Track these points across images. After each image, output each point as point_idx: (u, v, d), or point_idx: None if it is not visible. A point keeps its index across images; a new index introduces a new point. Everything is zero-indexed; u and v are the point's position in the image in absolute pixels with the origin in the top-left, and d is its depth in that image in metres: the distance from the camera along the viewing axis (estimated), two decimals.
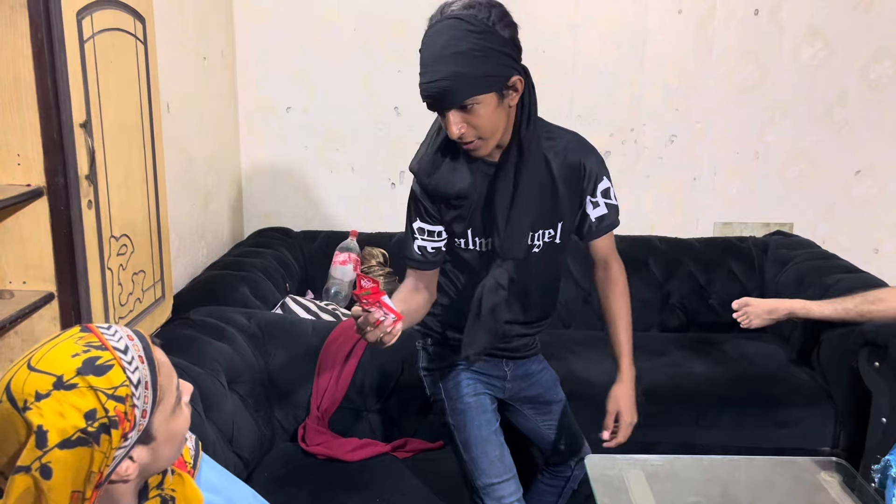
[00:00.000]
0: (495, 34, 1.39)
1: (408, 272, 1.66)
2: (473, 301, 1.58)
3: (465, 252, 1.63)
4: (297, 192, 3.16)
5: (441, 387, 1.75)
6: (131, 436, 0.87)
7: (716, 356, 2.63)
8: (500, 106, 1.44)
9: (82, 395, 0.82)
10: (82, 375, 0.83)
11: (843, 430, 2.34)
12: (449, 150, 1.53)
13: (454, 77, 1.38)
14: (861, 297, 2.26)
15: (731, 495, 1.94)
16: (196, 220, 2.60)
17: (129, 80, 1.77)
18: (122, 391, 0.85)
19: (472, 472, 1.70)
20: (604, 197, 1.62)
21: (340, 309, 2.62)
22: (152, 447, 0.92)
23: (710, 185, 3.17)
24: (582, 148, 1.60)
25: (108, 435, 0.84)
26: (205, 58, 2.66)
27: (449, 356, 1.74)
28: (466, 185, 1.54)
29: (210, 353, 1.90)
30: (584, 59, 3.02)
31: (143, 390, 0.88)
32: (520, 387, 1.79)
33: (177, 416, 0.95)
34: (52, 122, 1.46)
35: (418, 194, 1.60)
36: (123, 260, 1.74)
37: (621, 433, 1.70)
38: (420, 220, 1.61)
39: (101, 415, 0.83)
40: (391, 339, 1.37)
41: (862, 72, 3.04)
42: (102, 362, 0.85)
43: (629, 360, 1.73)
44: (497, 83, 1.41)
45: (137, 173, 1.82)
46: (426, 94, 1.43)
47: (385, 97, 3.06)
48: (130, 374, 0.86)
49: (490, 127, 1.44)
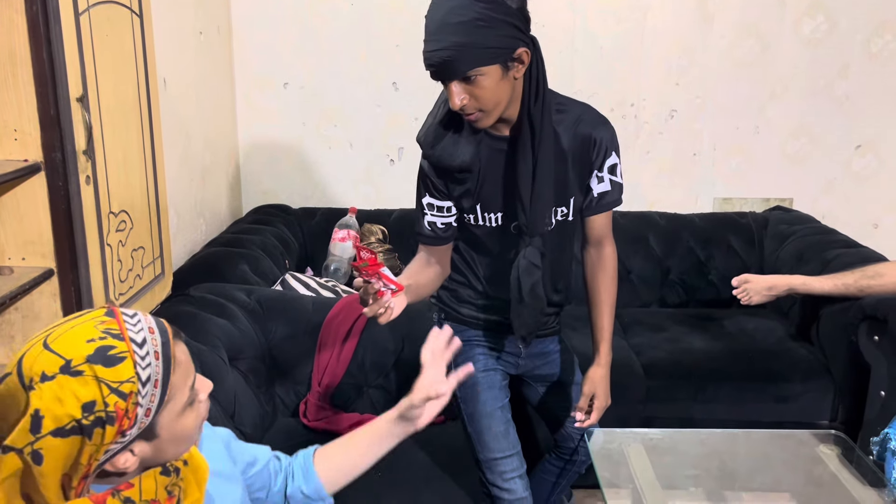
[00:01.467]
0: (502, 4, 1.36)
1: (420, 247, 1.66)
2: (512, 285, 1.59)
3: (477, 228, 1.63)
4: (296, 169, 3.14)
5: (452, 360, 1.75)
6: (130, 433, 0.85)
7: (715, 331, 2.63)
8: (505, 78, 1.41)
9: (85, 383, 0.81)
10: (91, 364, 0.82)
11: (841, 404, 2.35)
12: (453, 122, 1.51)
13: (457, 47, 1.35)
14: (860, 271, 2.26)
15: (730, 468, 1.96)
16: (194, 196, 2.59)
17: (126, 55, 1.75)
18: (126, 387, 0.83)
19: (476, 445, 1.71)
20: (610, 173, 1.60)
21: (340, 285, 2.62)
22: (155, 444, 0.90)
23: (710, 160, 3.15)
24: (594, 120, 1.57)
25: (103, 430, 0.82)
26: (201, 33, 2.63)
27: (462, 331, 1.73)
28: (469, 158, 1.52)
29: (211, 329, 1.90)
30: (584, 34, 2.99)
31: (150, 388, 0.85)
32: (534, 364, 1.79)
33: (187, 415, 0.92)
34: (49, 97, 1.44)
35: (426, 169, 1.59)
36: (122, 236, 1.73)
37: (594, 415, 1.70)
38: (429, 196, 1.60)
39: (99, 408, 0.81)
40: (387, 317, 1.37)
41: (863, 45, 3.01)
42: (115, 353, 0.83)
43: (609, 344, 1.72)
44: (502, 55, 1.38)
45: (135, 149, 1.81)
46: (429, 64, 1.40)
47: (384, 73, 3.03)
48: (141, 370, 0.84)
49: (493, 99, 1.42)
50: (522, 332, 1.66)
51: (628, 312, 2.84)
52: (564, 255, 1.72)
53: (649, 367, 2.40)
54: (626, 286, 2.95)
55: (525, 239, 1.57)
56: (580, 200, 1.63)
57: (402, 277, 1.55)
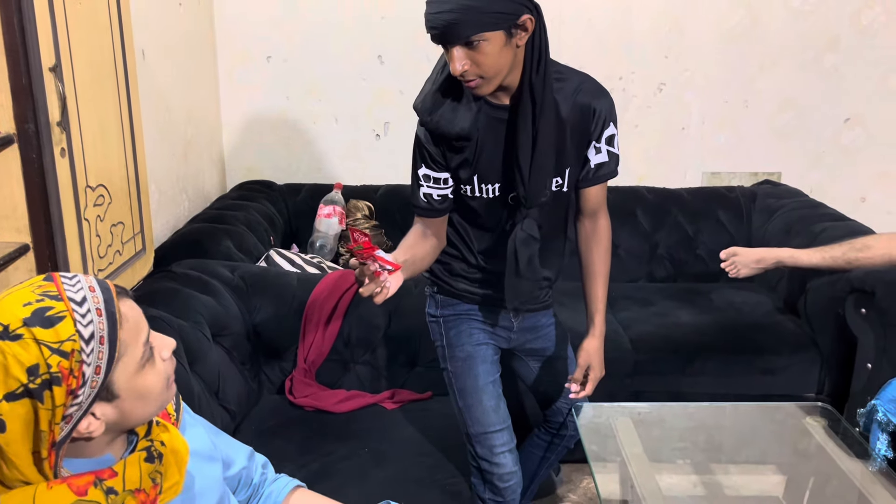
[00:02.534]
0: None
1: (415, 219, 1.63)
2: (508, 257, 1.57)
3: (472, 200, 1.60)
4: (280, 144, 3.10)
5: (444, 334, 1.74)
6: (82, 392, 0.83)
7: (703, 305, 2.63)
8: (508, 45, 1.38)
9: (26, 346, 0.80)
10: (28, 326, 0.80)
11: (828, 377, 2.36)
12: (452, 89, 1.48)
13: (462, 10, 1.32)
14: (848, 244, 2.25)
15: (717, 441, 1.96)
16: (176, 172, 2.54)
17: (101, 24, 1.70)
18: (67, 345, 0.81)
19: (467, 419, 1.70)
20: (608, 144, 1.58)
21: (326, 262, 2.59)
22: (117, 405, 0.88)
23: (698, 134, 3.13)
24: (594, 90, 1.55)
25: (51, 391, 0.80)
26: (180, 4, 2.57)
27: (455, 305, 1.72)
28: (468, 126, 1.49)
29: (193, 305, 1.87)
30: (571, 6, 2.95)
31: (96, 345, 0.84)
32: (525, 338, 1.78)
33: (146, 372, 0.91)
34: (20, 67, 1.40)
35: (422, 139, 1.55)
36: (101, 211, 1.69)
37: (589, 386, 1.70)
38: (425, 167, 1.57)
39: (42, 370, 0.80)
40: (383, 296, 1.35)
41: (853, 17, 2.99)
42: (53, 313, 0.82)
43: (603, 316, 1.73)
44: (506, 20, 1.35)
45: (112, 121, 1.76)
46: (431, 26, 1.36)
47: (368, 45, 2.98)
48: (82, 328, 0.83)
49: (494, 66, 1.39)
50: (515, 304, 1.66)
51: (616, 287, 2.82)
52: (558, 228, 1.70)
53: (637, 341, 2.39)
54: (614, 261, 2.90)
55: (522, 210, 1.55)
56: (576, 171, 1.61)
57: (399, 252, 1.53)
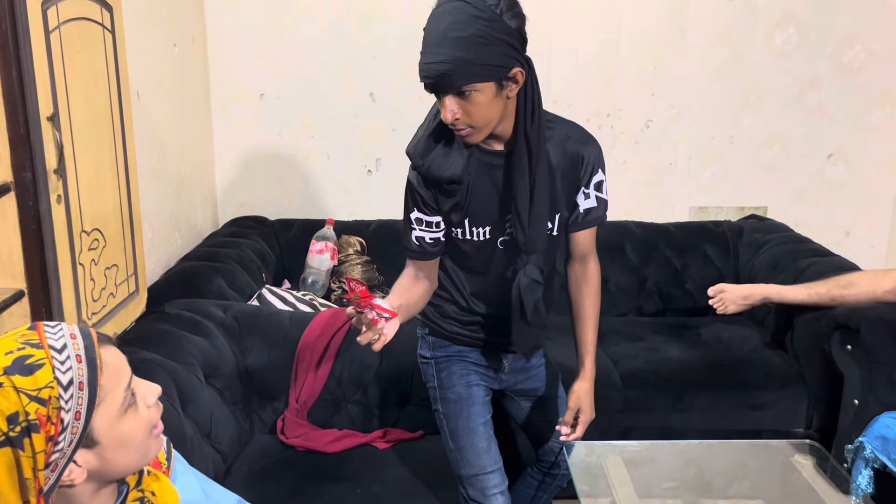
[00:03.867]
0: (501, 23, 1.36)
1: (407, 262, 1.66)
2: (514, 304, 1.59)
3: (464, 243, 1.62)
4: (272, 181, 3.13)
5: (435, 375, 1.75)
6: (62, 439, 0.84)
7: (692, 340, 2.66)
8: (498, 96, 1.42)
9: (6, 395, 0.81)
10: (8, 375, 0.82)
11: (816, 412, 2.38)
12: (444, 135, 1.51)
13: (454, 61, 1.36)
14: (833, 281, 2.29)
15: (707, 478, 1.97)
16: (169, 210, 2.56)
17: (98, 71, 1.73)
18: (45, 392, 0.83)
19: (458, 461, 1.71)
20: (596, 190, 1.61)
21: (318, 299, 2.61)
22: (98, 452, 0.89)
23: (685, 169, 3.18)
24: (582, 138, 1.59)
25: (30, 439, 0.82)
26: (175, 44, 2.61)
27: (447, 346, 1.74)
28: (459, 170, 1.52)
29: (186, 346, 1.88)
30: (559, 44, 3.01)
31: (75, 391, 0.85)
32: (516, 379, 1.79)
33: (128, 418, 0.91)
34: (19, 116, 1.42)
35: (415, 183, 1.58)
36: (95, 255, 1.71)
37: (579, 429, 1.72)
38: (417, 211, 1.60)
39: (21, 418, 0.81)
40: (381, 343, 1.37)
41: (834, 56, 3.06)
42: (33, 361, 0.84)
43: (593, 358, 1.75)
44: (497, 73, 1.39)
45: (108, 165, 1.78)
46: (425, 76, 1.40)
47: (360, 84, 3.03)
48: (60, 375, 0.84)
49: (485, 116, 1.43)
50: (524, 349, 1.70)
51: (606, 321, 2.83)
52: (549, 272, 1.72)
53: (627, 376, 2.41)
54: (604, 295, 2.92)
55: (523, 257, 1.58)
56: (566, 216, 1.64)
57: (393, 296, 1.55)
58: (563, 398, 1.85)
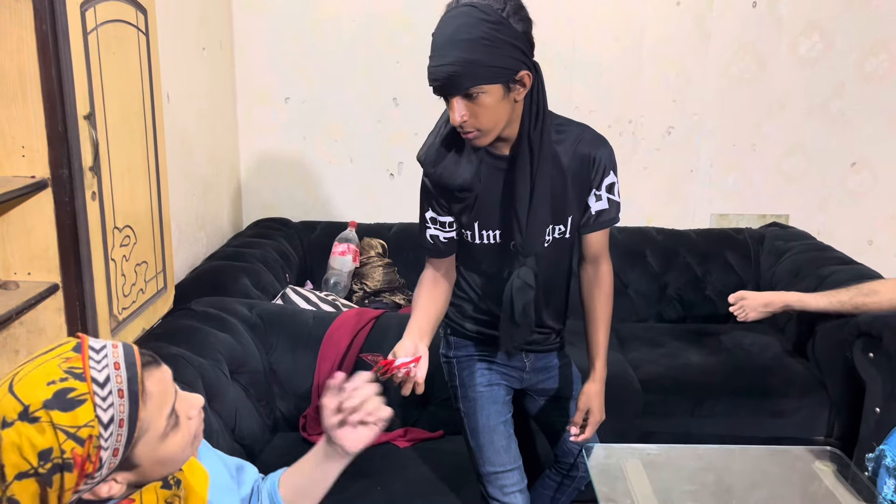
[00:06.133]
0: (508, 26, 1.39)
1: (426, 261, 1.69)
2: (504, 303, 1.61)
3: (474, 245, 1.65)
4: (296, 183, 3.17)
5: (457, 374, 1.78)
6: (98, 475, 0.84)
7: (712, 347, 2.65)
8: (505, 99, 1.44)
9: (42, 431, 0.79)
10: (47, 409, 0.80)
11: (837, 420, 2.37)
12: (454, 142, 1.53)
13: (462, 63, 1.38)
14: (856, 289, 2.28)
15: (726, 483, 1.96)
16: (196, 210, 2.61)
17: (132, 72, 1.77)
18: (85, 431, 0.81)
19: (478, 459, 1.73)
20: (608, 192, 1.63)
21: (340, 299, 2.64)
22: (139, 471, 0.89)
23: (706, 176, 3.18)
24: (594, 140, 1.60)
25: (62, 476, 0.80)
26: (204, 48, 2.66)
27: (468, 346, 1.76)
28: (469, 177, 1.54)
29: (212, 343, 1.92)
30: (582, 51, 3.02)
31: (115, 428, 0.83)
32: (537, 378, 1.81)
33: (169, 440, 0.91)
34: (57, 115, 1.46)
35: (428, 185, 1.61)
36: (126, 251, 1.75)
37: (588, 430, 1.72)
38: (431, 211, 1.63)
39: (55, 455, 0.79)
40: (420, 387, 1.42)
41: (858, 65, 3.05)
42: (74, 395, 0.81)
43: (604, 360, 1.74)
44: (504, 75, 1.41)
45: (140, 164, 1.83)
46: (433, 78, 1.43)
47: (384, 88, 3.06)
48: (102, 413, 0.82)
49: (492, 118, 1.45)
50: (507, 347, 1.70)
51: (626, 327, 2.86)
52: (559, 271, 1.74)
53: (647, 382, 2.42)
54: (624, 301, 2.97)
55: (520, 259, 1.59)
56: (578, 218, 1.65)
57: (417, 316, 1.57)
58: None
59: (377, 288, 2.84)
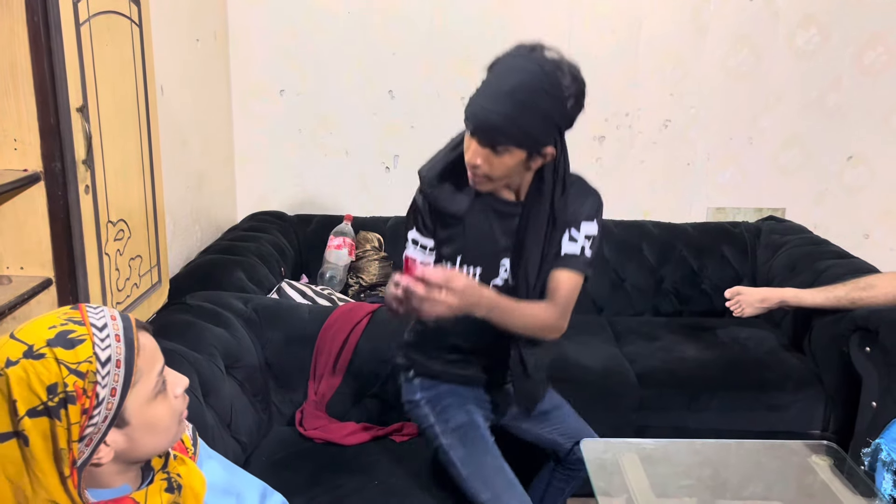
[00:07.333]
0: (563, 105, 1.40)
1: None
2: (513, 363, 1.63)
3: None
4: (291, 176, 3.15)
5: (430, 413, 1.73)
6: (97, 413, 0.87)
7: (708, 341, 2.65)
8: (524, 163, 1.47)
9: (47, 366, 0.84)
10: (51, 347, 0.85)
11: (833, 415, 2.37)
12: (459, 171, 1.54)
13: (506, 120, 1.39)
14: (852, 283, 2.28)
15: (723, 478, 1.97)
16: (190, 203, 2.59)
17: (125, 64, 1.75)
18: (84, 366, 0.86)
19: (474, 488, 1.64)
20: (585, 239, 1.58)
21: (336, 293, 2.62)
22: (127, 432, 0.92)
23: (703, 170, 3.18)
24: (581, 191, 1.60)
25: (66, 409, 0.85)
26: (198, 40, 2.64)
27: (435, 385, 1.74)
28: (463, 209, 1.56)
29: (207, 337, 1.90)
30: (579, 44, 3.01)
31: (112, 368, 0.88)
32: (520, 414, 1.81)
33: (158, 403, 0.95)
34: (49, 107, 1.44)
35: (419, 205, 1.62)
36: (120, 245, 1.73)
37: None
38: (416, 231, 1.64)
39: (60, 389, 0.84)
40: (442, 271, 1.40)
41: (855, 58, 3.05)
42: (75, 336, 0.87)
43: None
44: (535, 145, 1.43)
45: (133, 157, 1.81)
46: (474, 117, 1.43)
47: (379, 80, 3.04)
48: (100, 351, 0.88)
49: (504, 174, 1.47)
50: (527, 405, 1.72)
51: (622, 321, 2.86)
52: None
53: (643, 376, 2.42)
54: (621, 294, 2.97)
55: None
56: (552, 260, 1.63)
57: None
58: (567, 408, 1.88)
59: (373, 282, 2.83)
